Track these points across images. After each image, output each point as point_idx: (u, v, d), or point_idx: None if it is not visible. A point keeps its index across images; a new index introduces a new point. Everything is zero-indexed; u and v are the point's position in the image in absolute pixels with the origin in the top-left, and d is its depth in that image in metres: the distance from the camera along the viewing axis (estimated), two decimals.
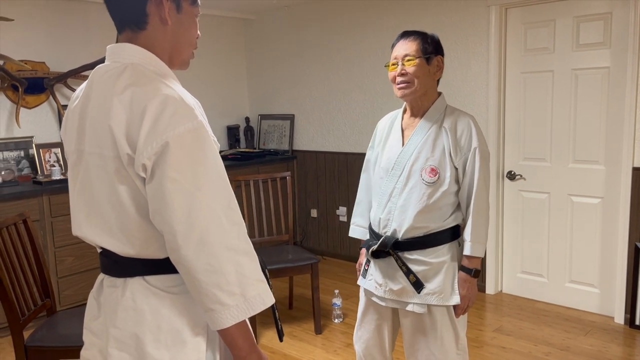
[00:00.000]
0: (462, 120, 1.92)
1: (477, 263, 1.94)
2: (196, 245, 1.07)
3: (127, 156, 1.08)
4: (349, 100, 4.65)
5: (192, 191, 1.07)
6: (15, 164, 3.92)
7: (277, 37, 5.12)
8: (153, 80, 1.11)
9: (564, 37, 3.49)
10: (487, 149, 1.95)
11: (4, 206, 3.38)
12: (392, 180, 1.96)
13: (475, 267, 1.94)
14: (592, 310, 3.57)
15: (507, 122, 3.82)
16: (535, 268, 3.80)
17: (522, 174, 3.78)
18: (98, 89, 1.15)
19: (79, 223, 1.20)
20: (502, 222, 3.91)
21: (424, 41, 1.92)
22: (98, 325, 1.22)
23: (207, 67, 5.11)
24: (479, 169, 1.89)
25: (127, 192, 1.12)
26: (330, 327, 3.49)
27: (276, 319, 1.39)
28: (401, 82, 1.91)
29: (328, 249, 4.97)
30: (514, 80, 3.75)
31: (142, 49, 1.17)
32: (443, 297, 1.93)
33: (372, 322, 2.10)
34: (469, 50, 3.85)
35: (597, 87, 3.40)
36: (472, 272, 1.93)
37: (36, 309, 2.47)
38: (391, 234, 1.95)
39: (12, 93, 3.88)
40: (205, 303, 1.11)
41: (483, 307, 3.73)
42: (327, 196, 4.94)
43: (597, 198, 3.48)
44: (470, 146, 1.90)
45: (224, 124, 5.30)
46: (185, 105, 1.10)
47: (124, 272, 1.18)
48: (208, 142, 1.11)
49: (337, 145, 4.80)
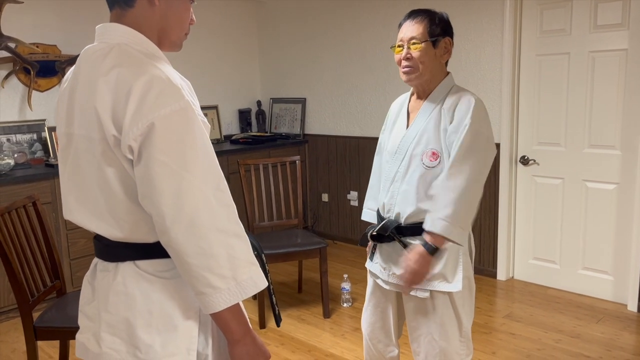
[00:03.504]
0: (463, 99, 1.82)
1: (435, 240, 1.78)
2: (186, 227, 1.06)
3: (113, 137, 1.07)
4: (361, 83, 4.59)
5: (180, 173, 1.06)
6: (28, 146, 3.96)
7: (289, 20, 5.07)
8: (139, 61, 1.09)
9: (581, 18, 3.39)
10: (484, 131, 1.79)
11: (16, 188, 3.42)
12: (395, 164, 1.93)
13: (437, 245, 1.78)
14: (605, 297, 3.52)
15: (521, 105, 3.74)
16: (548, 254, 3.74)
17: (536, 159, 3.71)
18: (85, 70, 1.14)
19: (70, 207, 1.20)
20: (514, 207, 3.85)
21: (432, 22, 1.85)
22: (92, 309, 1.22)
23: (219, 51, 5.08)
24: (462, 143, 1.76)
25: (114, 174, 1.11)
26: (339, 311, 3.49)
27: (273, 303, 1.38)
28: (406, 67, 1.87)
29: (339, 234, 4.96)
30: (529, 63, 3.66)
31: (130, 29, 1.15)
32: (445, 283, 1.90)
33: (378, 304, 2.09)
34: (483, 32, 3.76)
35: (614, 70, 3.31)
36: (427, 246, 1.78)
37: (45, 290, 2.51)
38: (394, 218, 1.93)
39: (24, 76, 3.90)
40: (196, 286, 1.10)
41: (494, 293, 3.70)
42: (338, 180, 4.92)
43: (613, 184, 3.40)
44: (462, 123, 1.78)
45: (236, 108, 5.29)
46: (172, 85, 1.08)
47: (116, 257, 1.18)
48: (196, 122, 1.09)
49: (348, 129, 4.76)
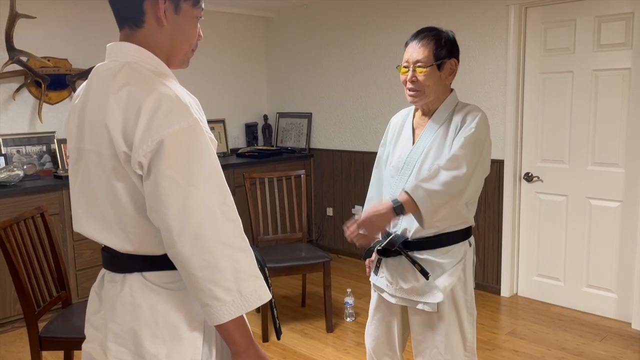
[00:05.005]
0: (470, 113, 1.89)
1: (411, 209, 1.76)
2: (192, 241, 1.09)
3: (123, 154, 1.10)
4: (366, 99, 4.64)
5: (187, 188, 1.09)
6: (38, 158, 4.01)
7: (296, 35, 5.14)
8: (149, 79, 1.13)
9: (585, 37, 3.42)
10: (485, 139, 1.84)
11: (25, 199, 3.46)
12: (402, 179, 1.96)
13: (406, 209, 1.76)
14: (609, 315, 3.50)
15: (525, 122, 3.77)
16: (552, 271, 3.74)
17: (540, 176, 3.73)
18: (96, 87, 1.18)
19: (79, 219, 1.23)
20: (518, 224, 3.86)
21: (438, 44, 1.87)
22: (99, 319, 1.24)
23: (227, 65, 5.15)
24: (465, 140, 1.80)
25: (124, 189, 1.14)
26: (342, 325, 3.49)
27: (274, 316, 1.40)
28: (411, 89, 1.91)
29: (343, 248, 4.98)
30: (533, 81, 3.69)
31: (140, 47, 1.19)
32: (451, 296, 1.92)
33: (382, 318, 2.11)
34: (487, 50, 3.81)
35: (617, 89, 3.33)
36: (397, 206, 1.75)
37: (51, 301, 2.53)
38: (401, 233, 1.95)
39: (35, 89, 3.97)
40: (201, 299, 1.12)
41: (497, 310, 3.70)
42: (343, 195, 4.94)
43: (616, 202, 3.41)
44: (468, 126, 1.83)
45: (243, 122, 5.34)
46: (181, 103, 1.11)
47: (123, 268, 1.21)
48: (203, 139, 1.13)
49: (353, 144, 4.80)
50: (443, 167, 1.78)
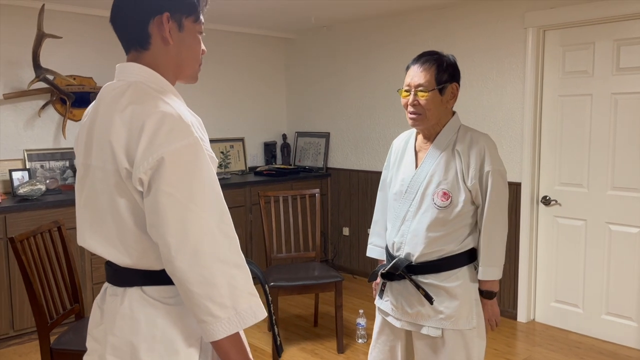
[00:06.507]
0: (476, 142, 1.90)
1: (491, 285, 1.92)
2: (189, 257, 1.11)
3: (125, 170, 1.14)
4: (383, 119, 4.65)
5: (186, 205, 1.11)
6: (60, 173, 4.11)
7: (316, 56, 5.20)
8: (153, 98, 1.16)
9: (604, 60, 3.39)
10: (502, 168, 1.92)
11: (45, 213, 3.54)
12: (406, 203, 1.95)
13: (487, 289, 1.92)
14: (629, 344, 3.40)
15: (543, 145, 3.73)
16: (570, 297, 3.66)
17: (558, 200, 3.67)
18: (104, 106, 1.22)
19: (83, 233, 1.26)
20: (535, 248, 3.80)
21: (439, 69, 1.88)
22: (100, 332, 1.27)
23: (247, 84, 5.23)
24: (490, 192, 1.87)
25: (125, 205, 1.17)
26: (353, 346, 3.46)
27: (275, 334, 1.40)
28: (412, 113, 1.92)
29: (359, 268, 4.95)
30: (551, 103, 3.66)
31: (146, 67, 1.22)
32: (458, 322, 1.90)
33: (387, 342, 2.09)
34: (505, 72, 3.80)
35: (637, 112, 3.29)
36: (484, 293, 1.93)
37: (64, 313, 2.58)
38: (404, 256, 1.94)
39: (60, 106, 4.09)
40: (198, 314, 1.14)
41: (514, 336, 3.62)
42: (359, 215, 4.93)
43: (637, 227, 3.33)
44: (484, 170, 1.87)
45: (262, 140, 5.40)
46: (182, 123, 1.14)
47: (124, 282, 1.23)
48: (203, 157, 1.15)
49: (370, 164, 4.80)
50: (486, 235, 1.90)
